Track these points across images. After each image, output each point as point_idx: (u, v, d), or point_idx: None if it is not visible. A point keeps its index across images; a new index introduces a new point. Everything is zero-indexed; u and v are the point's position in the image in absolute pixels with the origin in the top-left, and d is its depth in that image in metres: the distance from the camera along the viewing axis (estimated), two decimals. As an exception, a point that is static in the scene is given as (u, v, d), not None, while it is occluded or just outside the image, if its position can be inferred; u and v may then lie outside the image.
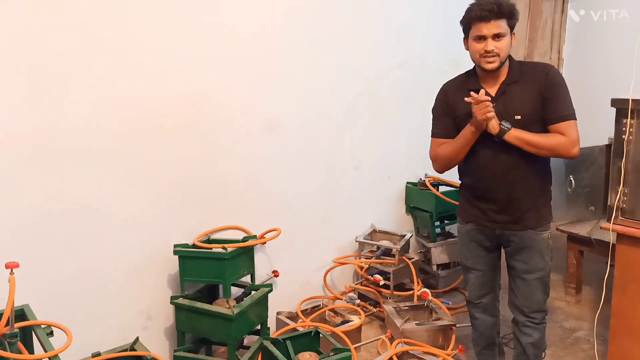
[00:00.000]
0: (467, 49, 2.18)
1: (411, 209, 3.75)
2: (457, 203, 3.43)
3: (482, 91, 2.06)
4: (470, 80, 2.23)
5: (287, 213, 3.07)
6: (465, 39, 2.18)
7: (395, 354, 2.53)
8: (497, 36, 2.05)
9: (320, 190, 3.24)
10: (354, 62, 3.31)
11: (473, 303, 2.45)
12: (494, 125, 2.05)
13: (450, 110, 2.25)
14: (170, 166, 2.55)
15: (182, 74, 2.54)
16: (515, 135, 2.05)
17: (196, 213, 2.68)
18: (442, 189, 3.61)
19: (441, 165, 2.30)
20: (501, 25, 2.04)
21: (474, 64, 2.20)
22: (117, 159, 2.37)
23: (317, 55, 3.10)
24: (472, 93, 2.04)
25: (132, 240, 2.45)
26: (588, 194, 3.30)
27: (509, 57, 2.17)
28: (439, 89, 2.33)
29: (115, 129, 2.35)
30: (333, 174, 3.30)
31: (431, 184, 3.56)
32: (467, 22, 2.12)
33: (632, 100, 2.22)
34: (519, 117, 2.09)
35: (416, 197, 3.68)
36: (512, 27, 2.10)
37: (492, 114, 2.03)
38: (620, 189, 2.29)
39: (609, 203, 2.35)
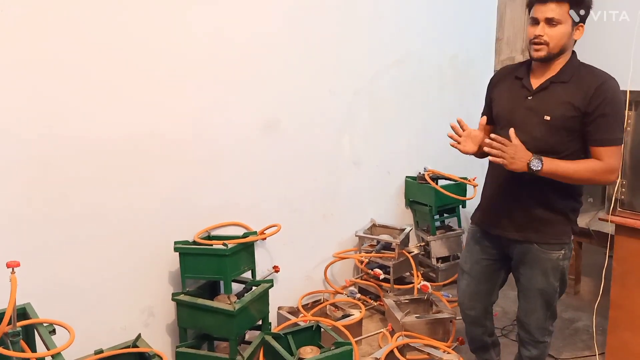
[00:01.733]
0: None
1: (411, 202, 3.76)
2: (456, 197, 3.48)
3: (512, 131, 1.87)
4: (521, 68, 2.08)
5: (288, 209, 3.08)
6: None
7: (396, 347, 2.55)
8: (550, 22, 1.86)
9: (320, 186, 3.25)
10: (353, 60, 3.30)
11: (463, 311, 2.35)
12: (520, 169, 1.87)
13: (490, 92, 2.17)
14: (170, 164, 2.55)
15: (181, 77, 2.54)
16: (548, 171, 1.86)
17: (196, 210, 2.68)
18: (442, 182, 3.62)
19: None
20: (558, 11, 1.85)
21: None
22: (117, 158, 2.37)
23: (316, 55, 3.09)
24: (487, 141, 1.85)
25: (133, 238, 2.46)
26: (587, 185, 3.31)
27: (573, 54, 1.99)
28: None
29: (115, 131, 2.35)
30: (333, 170, 3.31)
31: (430, 177, 3.57)
32: (528, 4, 1.96)
33: (630, 91, 2.22)
34: (548, 118, 1.92)
35: (415, 191, 3.68)
36: (576, 17, 1.88)
37: (519, 165, 1.85)
38: (618, 181, 2.30)
39: (607, 194, 2.36)
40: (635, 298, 2.31)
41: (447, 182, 3.61)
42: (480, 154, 2.01)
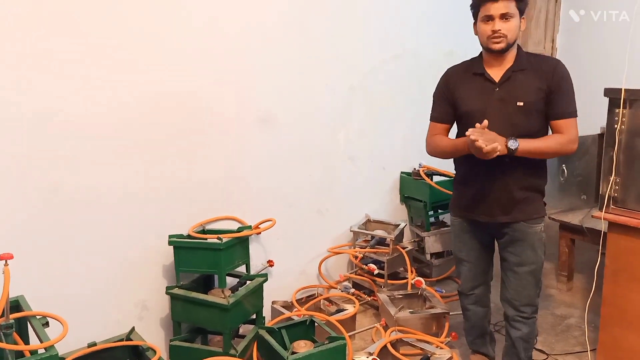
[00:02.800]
0: (476, 33, 2.18)
1: (405, 198, 3.77)
2: (450, 193, 3.48)
3: (485, 122, 2.00)
4: (474, 65, 2.23)
5: (283, 204, 3.08)
6: (475, 23, 2.18)
7: (390, 342, 2.56)
8: (504, 16, 2.05)
9: (315, 181, 3.25)
10: (349, 55, 3.30)
11: (465, 294, 2.47)
12: (501, 152, 2.01)
13: (450, 93, 2.25)
14: (165, 158, 2.54)
15: (177, 69, 2.53)
16: (523, 149, 2.04)
17: (191, 204, 2.68)
18: (436, 178, 3.62)
19: (431, 153, 2.34)
20: (509, 6, 2.05)
21: (479, 52, 2.23)
22: (112, 152, 2.36)
23: (312, 49, 3.09)
24: (470, 132, 1.98)
25: (127, 231, 2.45)
26: (580, 183, 3.33)
27: (518, 46, 2.17)
28: (443, 73, 2.33)
29: (110, 123, 2.34)
30: (328, 165, 3.31)
31: (425, 173, 3.57)
32: (477, 4, 2.13)
33: (624, 90, 2.23)
34: (521, 103, 2.09)
35: (410, 187, 3.69)
36: (521, 11, 2.10)
37: (496, 151, 1.97)
38: (612, 178, 2.31)
39: (600, 192, 2.37)
40: (627, 295, 2.32)
41: (442, 178, 3.62)
42: (449, 153, 2.25)
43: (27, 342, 1.89)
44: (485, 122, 2.00)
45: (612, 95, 2.29)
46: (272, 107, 2.95)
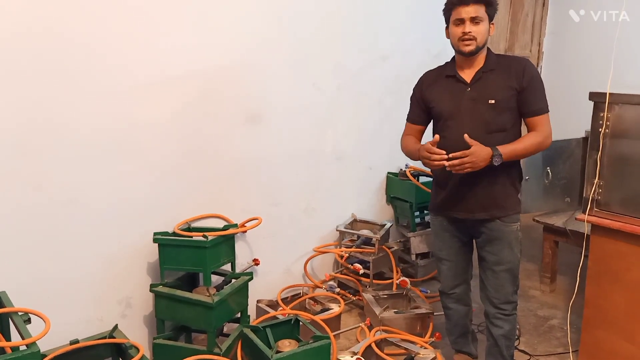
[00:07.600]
0: (448, 37, 2.25)
1: (391, 199, 3.78)
2: (436, 193, 3.51)
3: (466, 136, 2.07)
4: (447, 68, 2.31)
5: (269, 203, 3.07)
6: (447, 27, 2.25)
7: (374, 342, 2.57)
8: (474, 20, 2.13)
9: (302, 180, 3.24)
10: (337, 55, 3.30)
11: (446, 293, 2.50)
12: (483, 164, 2.09)
13: (423, 96, 2.34)
14: (149, 155, 2.52)
15: (163, 67, 2.51)
16: (507, 155, 2.11)
17: (177, 202, 2.66)
18: (422, 179, 3.64)
19: (403, 151, 2.46)
20: (479, 10, 2.13)
21: (452, 55, 2.28)
22: (96, 148, 2.33)
23: (300, 49, 3.08)
24: (448, 164, 2.06)
25: (111, 228, 2.43)
26: (564, 185, 3.37)
27: (488, 49, 2.25)
28: (420, 77, 2.43)
29: (95, 121, 2.31)
30: (315, 164, 3.30)
31: (411, 174, 3.59)
32: (448, 8, 2.21)
33: (609, 94, 2.26)
34: (493, 101, 2.16)
35: (396, 187, 3.70)
36: (490, 16, 2.18)
37: (482, 166, 2.07)
38: (595, 182, 2.34)
39: (584, 195, 2.40)
40: (609, 297, 2.35)
41: (428, 179, 3.64)
42: (413, 156, 2.34)
43: (8, 338, 1.86)
44: (466, 136, 2.06)
45: (597, 99, 2.32)
46: (260, 105, 2.94)
